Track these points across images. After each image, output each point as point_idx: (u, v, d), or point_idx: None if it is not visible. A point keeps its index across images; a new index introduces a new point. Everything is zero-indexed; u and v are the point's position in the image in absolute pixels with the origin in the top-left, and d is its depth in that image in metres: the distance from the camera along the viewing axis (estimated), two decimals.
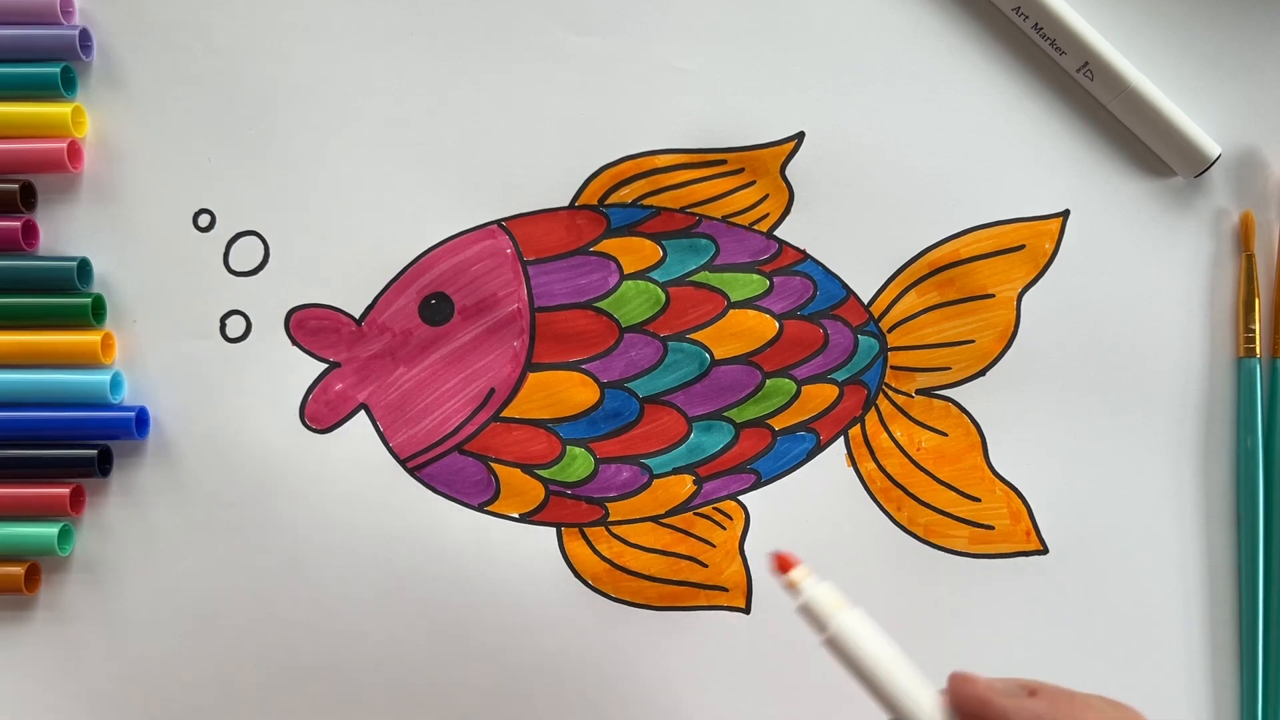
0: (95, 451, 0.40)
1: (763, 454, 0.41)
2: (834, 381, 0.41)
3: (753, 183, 0.40)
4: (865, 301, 0.41)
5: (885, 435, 0.41)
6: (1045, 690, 0.30)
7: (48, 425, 0.40)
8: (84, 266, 0.40)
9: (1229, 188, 0.40)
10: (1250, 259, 0.40)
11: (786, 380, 0.41)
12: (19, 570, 0.40)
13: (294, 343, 0.40)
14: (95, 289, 0.40)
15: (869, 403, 0.41)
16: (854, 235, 0.40)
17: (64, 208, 0.40)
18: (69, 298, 0.40)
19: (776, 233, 0.40)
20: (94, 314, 0.40)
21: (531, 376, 0.40)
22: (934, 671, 0.40)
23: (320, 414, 0.40)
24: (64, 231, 0.40)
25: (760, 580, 0.40)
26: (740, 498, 0.41)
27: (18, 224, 0.39)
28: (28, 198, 0.40)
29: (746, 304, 0.40)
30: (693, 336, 0.40)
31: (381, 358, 0.40)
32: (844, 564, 0.40)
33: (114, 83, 0.40)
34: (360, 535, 0.40)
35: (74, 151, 0.40)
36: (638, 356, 0.40)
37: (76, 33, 0.39)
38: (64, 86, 0.40)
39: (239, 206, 0.40)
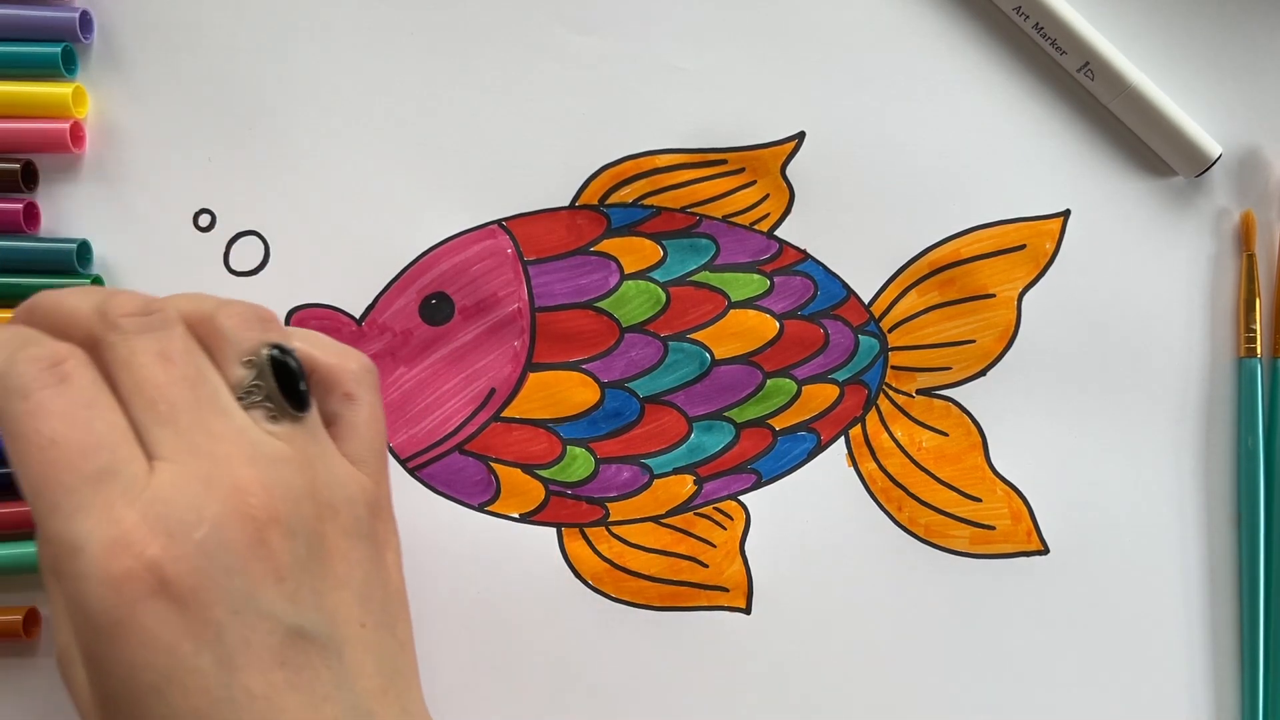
0: None
1: (763, 454, 0.41)
2: (835, 381, 0.41)
3: (753, 183, 0.40)
4: (866, 301, 0.41)
5: (886, 435, 0.41)
6: None
7: None
8: (84, 249, 0.40)
9: (1230, 187, 0.40)
10: (1251, 259, 0.40)
11: (787, 380, 0.40)
12: (17, 618, 0.38)
13: None
14: (95, 271, 0.40)
15: (869, 403, 0.41)
16: (854, 235, 0.40)
17: (65, 187, 0.40)
18: (69, 279, 0.39)
19: (777, 233, 0.40)
20: None
21: (532, 376, 0.40)
22: (934, 672, 0.40)
23: None
24: (65, 213, 0.40)
25: (760, 581, 0.40)
26: (741, 498, 0.41)
27: (19, 206, 0.39)
28: (29, 178, 0.40)
29: (747, 304, 0.40)
30: (693, 336, 0.40)
31: (382, 358, 0.40)
32: (844, 564, 0.40)
33: (114, 67, 0.40)
34: None
35: (76, 132, 0.40)
36: (638, 356, 0.40)
37: (77, 14, 0.39)
38: (65, 67, 0.39)
39: (239, 206, 0.40)
